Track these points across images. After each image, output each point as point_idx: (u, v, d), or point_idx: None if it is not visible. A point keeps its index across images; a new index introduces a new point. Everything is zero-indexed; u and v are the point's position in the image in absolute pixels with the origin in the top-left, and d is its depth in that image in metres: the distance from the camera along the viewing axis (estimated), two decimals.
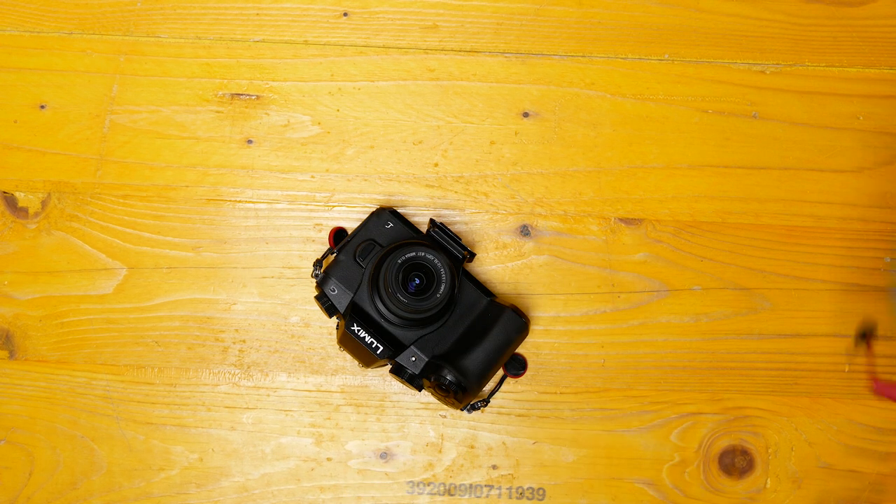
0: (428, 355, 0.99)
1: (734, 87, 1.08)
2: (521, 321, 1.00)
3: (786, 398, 1.07)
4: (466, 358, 0.98)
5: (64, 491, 1.06)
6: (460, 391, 0.97)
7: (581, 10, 1.09)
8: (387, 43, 1.09)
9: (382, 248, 0.99)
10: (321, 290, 1.00)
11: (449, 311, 0.99)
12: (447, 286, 0.97)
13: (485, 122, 1.08)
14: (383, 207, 1.02)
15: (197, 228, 1.08)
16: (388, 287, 0.96)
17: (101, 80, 1.08)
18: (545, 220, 1.08)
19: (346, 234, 1.02)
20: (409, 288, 0.97)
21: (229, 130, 1.08)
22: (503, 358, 1.00)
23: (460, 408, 1.01)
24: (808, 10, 1.09)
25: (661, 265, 1.07)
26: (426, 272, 0.97)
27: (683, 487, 1.07)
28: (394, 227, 1.00)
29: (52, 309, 1.07)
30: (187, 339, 1.07)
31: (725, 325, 1.07)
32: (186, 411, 1.07)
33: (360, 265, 0.99)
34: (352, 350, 1.01)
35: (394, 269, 0.97)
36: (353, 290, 0.99)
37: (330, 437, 1.07)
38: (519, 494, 1.07)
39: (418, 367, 0.99)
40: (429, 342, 0.99)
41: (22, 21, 1.09)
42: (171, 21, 1.09)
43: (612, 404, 1.07)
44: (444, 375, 0.97)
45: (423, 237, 1.01)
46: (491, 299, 1.01)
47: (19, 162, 1.08)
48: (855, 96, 1.08)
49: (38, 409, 1.07)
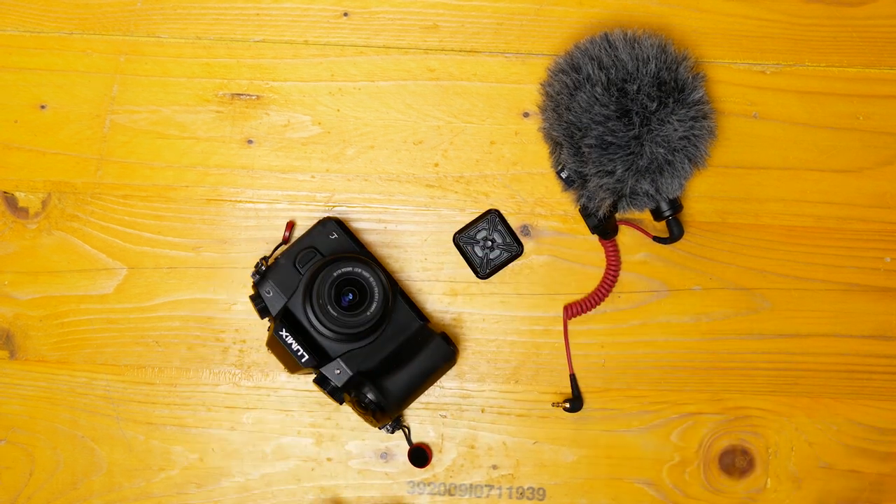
0: (353, 370, 0.99)
1: (734, 87, 1.08)
2: (449, 349, 1.00)
3: (786, 398, 1.07)
4: (389, 379, 0.99)
5: (64, 491, 1.07)
6: (378, 411, 0.98)
7: (581, 10, 1.09)
8: (387, 43, 1.09)
9: (322, 257, 1.00)
10: (256, 291, 1.01)
11: (379, 329, 1.00)
12: (379, 304, 0.98)
13: (485, 122, 1.08)
14: (330, 217, 1.02)
15: (197, 228, 1.08)
16: (320, 298, 0.97)
17: (102, 80, 1.08)
18: (545, 220, 1.08)
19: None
20: (341, 302, 0.98)
21: (229, 130, 1.08)
22: (427, 383, 1.01)
23: (377, 426, 1.01)
24: (808, 10, 1.09)
25: (661, 265, 1.07)
26: (360, 288, 0.98)
27: (683, 487, 1.07)
28: (337, 238, 1.01)
29: (52, 309, 1.07)
30: (187, 339, 1.07)
31: (725, 325, 1.07)
32: (187, 411, 1.07)
33: (298, 272, 1.00)
34: (278, 354, 1.01)
35: (328, 281, 0.97)
36: (288, 296, 1.00)
37: (330, 437, 1.07)
38: (519, 494, 1.07)
39: (341, 381, 0.99)
40: (356, 357, 1.00)
41: (22, 21, 1.09)
42: (171, 21, 1.09)
43: (612, 404, 1.07)
44: (365, 393, 0.98)
45: (365, 252, 1.01)
46: (423, 324, 1.01)
47: (19, 162, 1.08)
48: (855, 96, 1.08)
49: (38, 409, 1.07)
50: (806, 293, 1.07)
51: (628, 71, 0.98)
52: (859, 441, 1.07)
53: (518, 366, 1.07)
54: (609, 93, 0.97)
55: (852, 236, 1.08)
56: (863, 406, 1.07)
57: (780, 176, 1.08)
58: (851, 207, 1.08)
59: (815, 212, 1.08)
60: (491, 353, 1.07)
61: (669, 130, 0.97)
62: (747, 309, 1.07)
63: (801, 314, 1.07)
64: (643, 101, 0.97)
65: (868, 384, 1.07)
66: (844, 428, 1.07)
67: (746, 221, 1.07)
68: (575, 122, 0.98)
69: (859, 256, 1.08)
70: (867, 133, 1.08)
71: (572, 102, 0.99)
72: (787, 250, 1.07)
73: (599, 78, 0.98)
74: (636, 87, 0.97)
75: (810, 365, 1.07)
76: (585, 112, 0.98)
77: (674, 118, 0.97)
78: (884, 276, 1.07)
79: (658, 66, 0.98)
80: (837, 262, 1.07)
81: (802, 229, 1.08)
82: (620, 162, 0.97)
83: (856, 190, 1.08)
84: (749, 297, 1.07)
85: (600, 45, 0.99)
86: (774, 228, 1.08)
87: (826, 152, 1.08)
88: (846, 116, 1.08)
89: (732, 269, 1.07)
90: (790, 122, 1.08)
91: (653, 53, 0.98)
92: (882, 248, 1.08)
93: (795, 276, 1.07)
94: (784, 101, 1.08)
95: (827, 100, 1.08)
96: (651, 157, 0.97)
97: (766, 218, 1.08)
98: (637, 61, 0.98)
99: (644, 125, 0.97)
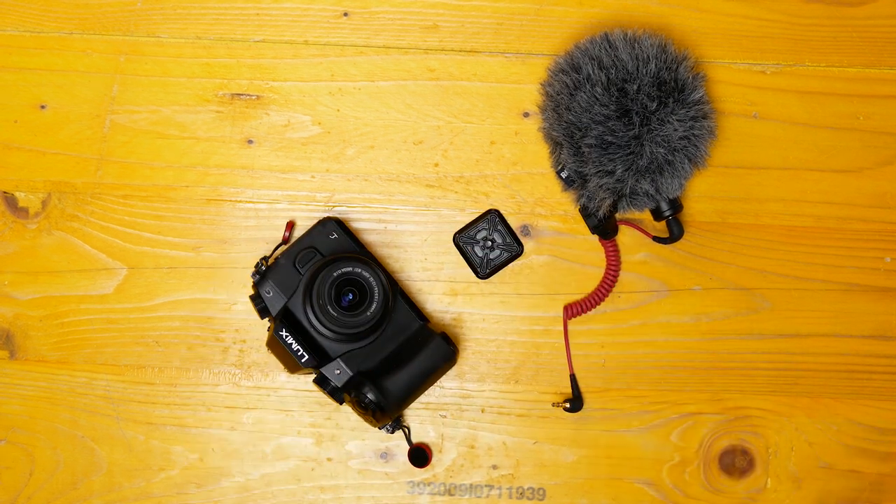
0: (353, 370, 0.99)
1: (734, 87, 1.08)
2: (449, 349, 1.00)
3: (786, 398, 1.07)
4: (389, 379, 0.99)
5: (64, 491, 1.07)
6: (378, 411, 0.98)
7: (581, 10, 1.09)
8: (387, 43, 1.09)
9: (322, 257, 1.00)
10: (256, 291, 1.01)
11: (379, 329, 1.00)
12: (379, 305, 0.98)
13: (485, 122, 1.08)
14: (330, 217, 1.02)
15: (197, 228, 1.08)
16: (320, 299, 0.97)
17: (101, 80, 1.08)
18: (545, 220, 1.08)
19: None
20: (341, 302, 0.98)
21: (229, 130, 1.08)
22: (427, 383, 1.01)
23: (377, 426, 1.01)
24: (808, 10, 1.09)
25: (661, 265, 1.07)
26: (360, 288, 0.98)
27: (683, 487, 1.07)
28: (337, 238, 1.01)
29: (52, 309, 1.07)
30: (187, 339, 1.07)
31: (725, 325, 1.07)
32: (187, 411, 1.07)
33: (298, 272, 1.00)
34: (279, 354, 1.01)
35: (328, 281, 0.97)
36: (288, 296, 1.00)
37: (330, 437, 1.07)
38: (519, 494, 1.07)
39: (341, 381, 1.00)
40: (356, 357, 1.00)
41: (22, 21, 1.09)
42: (171, 21, 1.09)
43: (612, 404, 1.07)
44: (365, 393, 0.98)
45: (365, 252, 1.01)
46: (423, 324, 1.01)
47: (19, 162, 1.08)
48: (855, 96, 1.08)
49: (38, 409, 1.07)
50: (806, 293, 1.07)
51: (628, 71, 0.98)
52: (859, 441, 1.07)
53: (518, 366, 1.07)
54: (609, 93, 0.97)
55: (852, 236, 1.08)
56: (863, 406, 1.07)
57: (780, 176, 1.08)
58: (851, 207, 1.08)
59: (815, 212, 1.08)
60: (491, 353, 1.07)
61: (669, 130, 0.97)
62: (747, 309, 1.07)
63: (801, 314, 1.07)
64: (643, 101, 0.97)
65: (868, 384, 1.07)
66: (844, 428, 1.07)
67: (746, 221, 1.07)
68: (575, 122, 0.98)
69: (859, 256, 1.08)
70: (867, 133, 1.08)
71: (572, 102, 0.99)
72: (787, 250, 1.07)
73: (599, 78, 0.98)
74: (636, 86, 0.97)
75: (810, 365, 1.07)
76: (585, 112, 0.98)
77: (674, 118, 0.97)
78: (884, 276, 1.07)
79: (658, 66, 0.98)
80: (837, 262, 1.07)
81: (802, 229, 1.08)
82: (620, 162, 0.97)
83: (856, 190, 1.08)
84: (749, 297, 1.07)
85: (600, 45, 1.00)
86: (774, 228, 1.08)
87: (826, 152, 1.08)
88: (846, 116, 1.08)
89: (732, 269, 1.07)
90: (790, 122, 1.08)
91: (653, 53, 0.98)
92: (882, 248, 1.08)
93: (795, 276, 1.07)
94: (784, 101, 1.08)
95: (827, 100, 1.08)
96: (651, 157, 0.97)
97: (766, 218, 1.08)
98: (637, 61, 0.98)
99: (644, 125, 0.97)
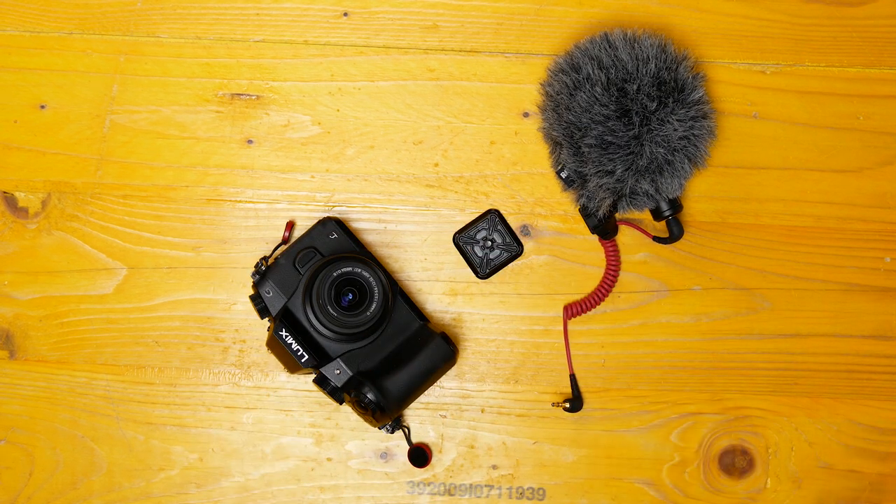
0: (353, 370, 0.99)
1: (734, 87, 1.08)
2: (449, 349, 1.00)
3: (786, 398, 1.07)
4: (389, 379, 0.99)
5: (64, 491, 1.07)
6: (378, 411, 0.98)
7: (581, 10, 1.09)
8: (387, 43, 1.09)
9: (322, 257, 1.00)
10: (256, 291, 1.01)
11: (379, 329, 1.00)
12: (379, 304, 0.98)
13: (485, 122, 1.08)
14: (330, 217, 1.02)
15: (197, 228, 1.08)
16: (320, 299, 0.97)
17: (101, 80, 1.08)
18: (545, 220, 1.08)
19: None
20: (341, 302, 0.98)
21: (229, 130, 1.08)
22: (427, 383, 1.01)
23: (377, 426, 1.01)
24: (808, 10, 1.09)
25: (661, 265, 1.07)
26: (360, 288, 0.98)
27: (683, 487, 1.07)
28: (337, 238, 1.01)
29: (52, 309, 1.07)
30: (187, 339, 1.07)
31: (725, 325, 1.07)
32: (186, 411, 1.07)
33: (298, 272, 1.00)
34: (278, 354, 1.01)
35: (328, 281, 0.97)
36: (288, 296, 1.00)
37: (330, 437, 1.07)
38: (519, 494, 1.07)
39: (341, 381, 1.00)
40: (356, 357, 1.00)
41: (22, 21, 1.09)
42: (171, 21, 1.09)
43: (612, 404, 1.07)
44: (365, 393, 0.98)
45: (365, 252, 1.01)
46: (423, 324, 1.01)
47: (19, 162, 1.08)
48: (855, 96, 1.08)
49: (38, 409, 1.07)
50: (806, 293, 1.07)
51: (628, 71, 0.98)
52: (859, 441, 1.07)
53: (518, 366, 1.07)
54: (609, 93, 0.97)
55: (852, 236, 1.08)
56: (863, 406, 1.07)
57: (780, 176, 1.08)
58: (851, 207, 1.08)
59: (815, 212, 1.08)
60: (491, 353, 1.07)
61: (669, 130, 0.97)
62: (747, 309, 1.07)
63: (801, 314, 1.07)
64: (643, 101, 0.97)
65: (868, 384, 1.07)
66: (844, 428, 1.07)
67: (746, 221, 1.07)
68: (575, 122, 0.98)
69: (859, 256, 1.08)
70: (867, 133, 1.08)
71: (572, 102, 0.99)
72: (787, 250, 1.07)
73: (599, 78, 0.98)
74: (636, 86, 0.97)
75: (810, 365, 1.07)
76: (585, 112, 0.98)
77: (674, 118, 0.97)
78: (884, 276, 1.07)
79: (658, 66, 0.98)
80: (837, 262, 1.07)
81: (802, 229, 1.07)
82: (620, 162, 0.97)
83: (856, 190, 1.08)
84: (749, 297, 1.07)
85: (600, 44, 1.00)
86: (774, 228, 1.08)
87: (826, 152, 1.08)
88: (846, 116, 1.08)
89: (732, 269, 1.07)
90: (790, 122, 1.08)
91: (653, 53, 0.98)
92: (882, 248, 1.08)
93: (795, 276, 1.07)
94: (784, 101, 1.08)
95: (827, 100, 1.08)
96: (651, 156, 0.97)
97: (766, 218, 1.08)
98: (637, 61, 0.98)
99: (644, 125, 0.97)
